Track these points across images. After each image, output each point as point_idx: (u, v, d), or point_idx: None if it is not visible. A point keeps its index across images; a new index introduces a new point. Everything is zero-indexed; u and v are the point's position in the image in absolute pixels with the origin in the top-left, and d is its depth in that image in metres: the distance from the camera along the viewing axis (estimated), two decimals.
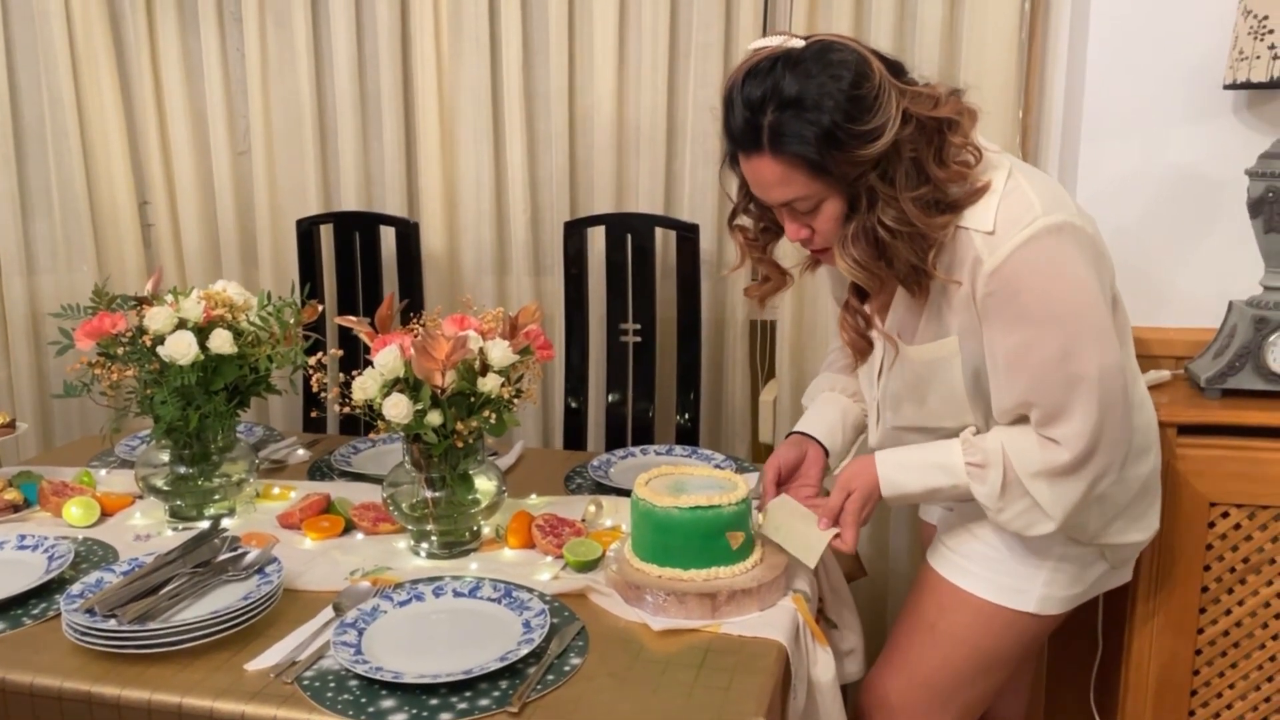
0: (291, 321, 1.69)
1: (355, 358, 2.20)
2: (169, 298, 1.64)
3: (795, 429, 1.67)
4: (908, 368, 1.48)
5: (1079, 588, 1.53)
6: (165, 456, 1.72)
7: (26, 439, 2.63)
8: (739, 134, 1.33)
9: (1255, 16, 1.71)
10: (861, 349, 1.49)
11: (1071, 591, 1.52)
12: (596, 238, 2.43)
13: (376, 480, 1.87)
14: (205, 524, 1.68)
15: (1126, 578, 1.60)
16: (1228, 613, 1.78)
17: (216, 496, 1.73)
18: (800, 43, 1.30)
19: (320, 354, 1.57)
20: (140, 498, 1.81)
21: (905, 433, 1.54)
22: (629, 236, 2.37)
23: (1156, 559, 1.75)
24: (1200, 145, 1.93)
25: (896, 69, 1.32)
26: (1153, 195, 1.97)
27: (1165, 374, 1.88)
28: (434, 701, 1.21)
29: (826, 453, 1.62)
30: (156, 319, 1.58)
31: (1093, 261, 1.34)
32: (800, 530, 1.50)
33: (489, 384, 1.53)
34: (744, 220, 1.51)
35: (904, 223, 1.29)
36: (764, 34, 2.32)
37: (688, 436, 2.38)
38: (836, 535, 1.47)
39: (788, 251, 1.59)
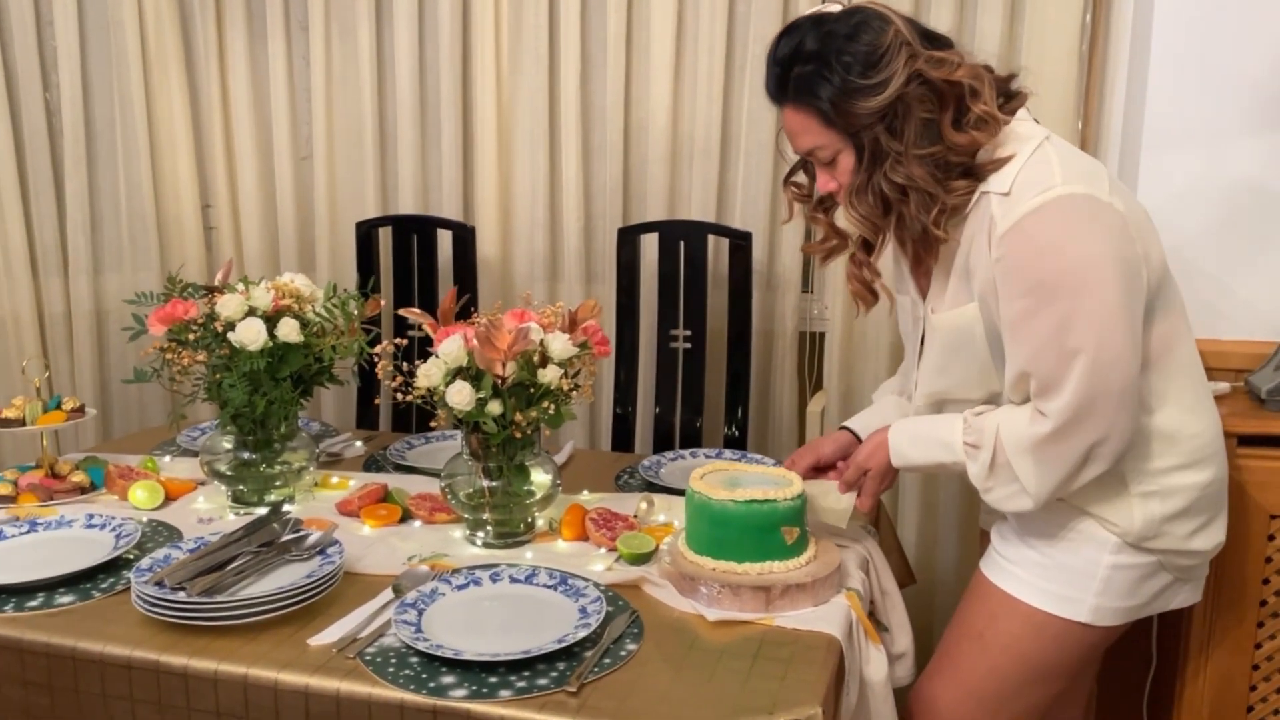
0: (355, 313, 1.73)
1: (411, 357, 2.24)
2: (239, 286, 1.69)
3: (846, 424, 1.69)
4: (939, 338, 1.51)
5: (1136, 599, 1.50)
6: (228, 444, 1.76)
7: (86, 429, 2.69)
8: (771, 87, 1.45)
9: None
10: (867, 299, 1.55)
11: (1128, 603, 1.49)
12: (649, 245, 2.45)
13: (431, 474, 1.90)
14: (265, 510, 1.72)
15: (1195, 598, 1.55)
16: None
17: (278, 483, 1.77)
18: (837, 7, 1.41)
19: (385, 343, 1.60)
20: (203, 484, 1.85)
21: (940, 404, 1.56)
22: (681, 244, 2.39)
23: (1214, 572, 1.72)
24: (1262, 158, 1.91)
25: (932, 37, 1.40)
26: (1213, 207, 1.96)
27: (1225, 386, 1.86)
28: (493, 679, 1.23)
29: None
30: (228, 306, 1.63)
31: (1111, 237, 1.34)
32: (821, 501, 1.57)
33: (549, 375, 1.55)
34: (800, 179, 1.59)
35: (910, 180, 1.36)
36: None
37: (735, 446, 2.39)
38: (857, 497, 1.56)
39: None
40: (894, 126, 1.36)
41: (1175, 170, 1.97)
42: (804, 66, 1.38)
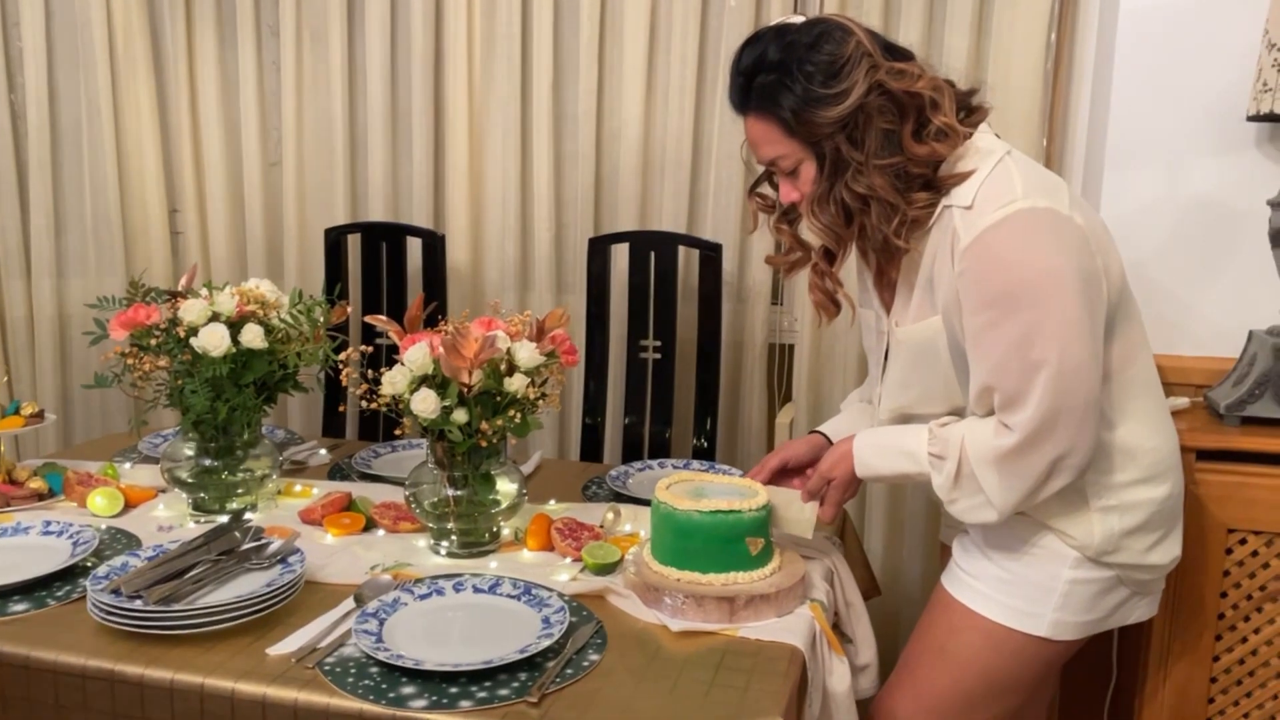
0: (321, 320, 1.72)
1: (378, 364, 2.23)
2: (203, 291, 1.67)
3: (818, 429, 1.70)
4: (902, 351, 1.51)
5: (1095, 614, 1.51)
6: (190, 450, 1.74)
7: (46, 435, 2.66)
8: (734, 96, 1.45)
9: (1279, 49, 1.74)
10: (829, 310, 1.56)
11: (1086, 617, 1.50)
12: (620, 255, 2.45)
13: (396, 482, 1.89)
14: (226, 518, 1.70)
15: (1152, 611, 1.57)
16: (1244, 641, 1.77)
17: (239, 491, 1.75)
18: (800, 19, 1.43)
19: (350, 350, 1.59)
20: (163, 491, 1.83)
21: (905, 418, 1.56)
22: (652, 254, 2.40)
23: (1173, 586, 1.75)
24: (1222, 176, 1.95)
25: (893, 49, 1.41)
26: (1174, 225, 1.99)
27: (1184, 401, 1.89)
28: (454, 690, 1.22)
29: None
30: (191, 311, 1.61)
31: (1072, 251, 1.35)
32: (784, 512, 1.57)
33: (515, 384, 1.55)
34: (766, 190, 1.60)
35: (871, 190, 1.37)
36: None
37: (704, 457, 2.39)
38: (820, 506, 1.56)
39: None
40: (855, 137, 1.37)
41: (1137, 187, 2.00)
42: (766, 76, 1.38)
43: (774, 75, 1.38)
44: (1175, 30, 1.93)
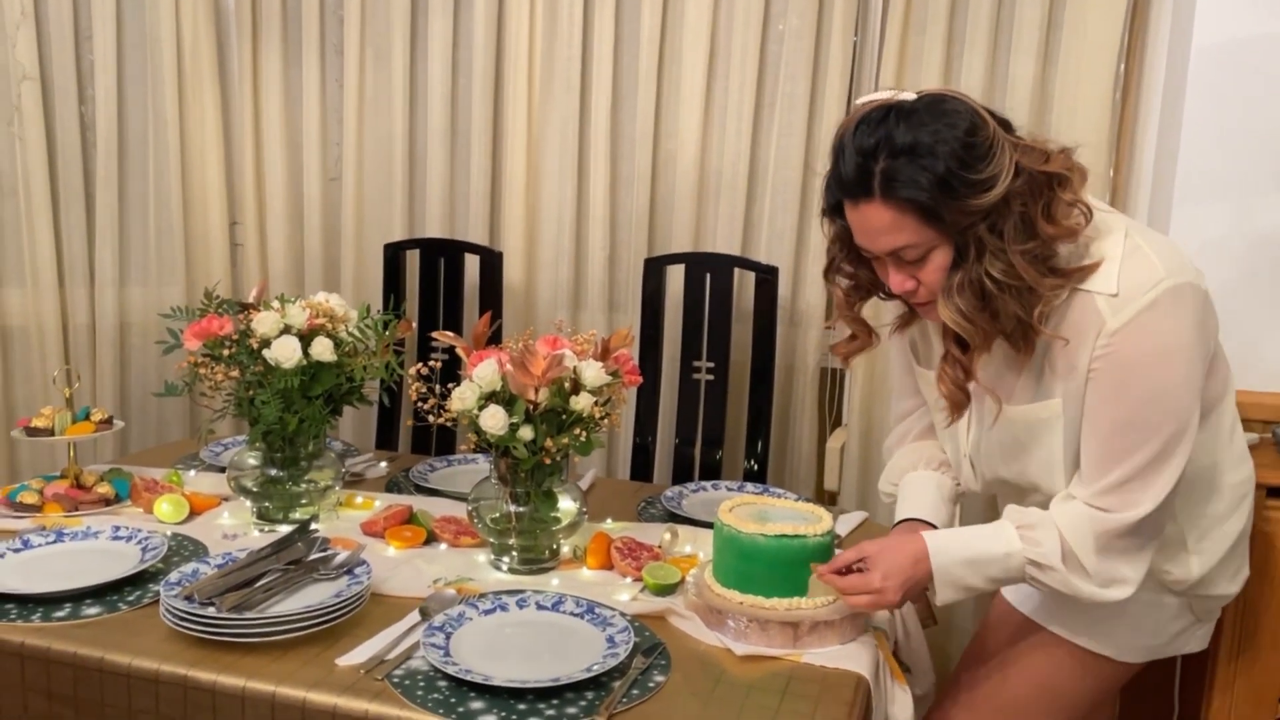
0: (389, 334, 1.74)
1: (434, 380, 2.24)
2: (275, 304, 1.70)
3: (904, 516, 1.59)
4: (1005, 427, 1.45)
5: (1160, 639, 1.50)
6: (255, 460, 1.76)
7: (104, 442, 2.69)
8: (850, 180, 1.31)
9: None
10: (959, 402, 1.41)
11: (1153, 641, 1.50)
12: (674, 276, 2.46)
13: (454, 497, 1.90)
14: (289, 527, 1.72)
15: (1204, 644, 1.55)
16: None
17: (303, 501, 1.76)
18: (912, 96, 1.31)
19: (420, 364, 1.61)
20: (227, 499, 1.85)
21: (1000, 485, 1.54)
22: (708, 276, 2.40)
23: (1240, 623, 1.72)
24: None
25: (1005, 124, 1.31)
26: (1242, 259, 1.97)
27: (1253, 437, 1.86)
28: (522, 706, 1.22)
29: None
30: (264, 323, 1.63)
31: (1203, 324, 1.33)
32: None
33: (581, 403, 1.55)
34: (841, 277, 1.50)
35: (1012, 275, 1.27)
36: (850, 88, 2.39)
37: (754, 479, 2.38)
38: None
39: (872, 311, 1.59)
40: (995, 223, 1.26)
41: (1207, 221, 1.98)
42: (895, 159, 1.26)
43: (905, 158, 1.25)
44: (1247, 68, 1.92)
